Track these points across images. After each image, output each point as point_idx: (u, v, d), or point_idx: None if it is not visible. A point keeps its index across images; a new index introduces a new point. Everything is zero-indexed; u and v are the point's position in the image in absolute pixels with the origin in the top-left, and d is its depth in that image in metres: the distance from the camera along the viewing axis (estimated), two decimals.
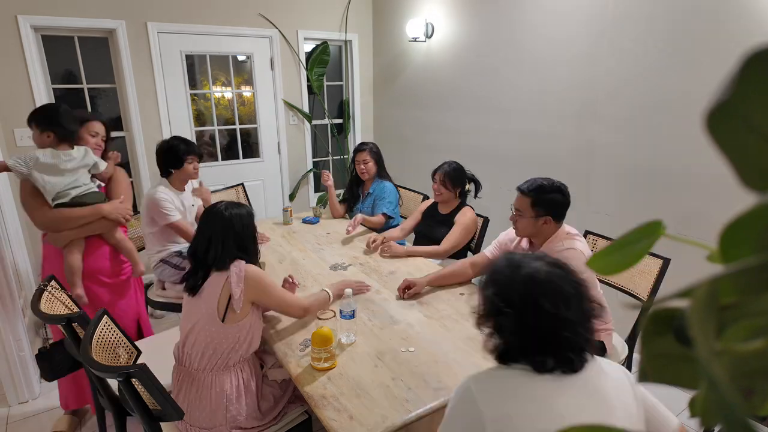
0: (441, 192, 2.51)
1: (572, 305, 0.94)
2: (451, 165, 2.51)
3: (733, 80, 0.21)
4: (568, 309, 0.93)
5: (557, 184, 1.78)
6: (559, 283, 0.96)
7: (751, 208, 0.23)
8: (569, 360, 0.94)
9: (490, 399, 0.93)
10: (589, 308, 0.97)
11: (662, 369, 0.27)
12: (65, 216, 1.89)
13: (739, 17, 1.95)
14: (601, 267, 0.33)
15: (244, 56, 3.89)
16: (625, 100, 2.44)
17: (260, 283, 1.52)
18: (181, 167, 2.43)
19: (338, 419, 1.24)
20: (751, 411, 0.23)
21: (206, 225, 1.54)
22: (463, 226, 2.42)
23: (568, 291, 0.95)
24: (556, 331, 0.93)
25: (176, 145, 2.41)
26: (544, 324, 0.93)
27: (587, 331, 0.96)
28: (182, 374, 1.53)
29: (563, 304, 0.93)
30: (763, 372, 0.23)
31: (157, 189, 2.39)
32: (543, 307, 0.93)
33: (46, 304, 1.65)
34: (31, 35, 2.99)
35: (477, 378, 0.97)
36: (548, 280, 0.96)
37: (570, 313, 0.93)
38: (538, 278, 0.96)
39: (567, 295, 0.94)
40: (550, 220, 1.78)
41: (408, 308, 1.86)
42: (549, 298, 0.93)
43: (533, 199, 1.76)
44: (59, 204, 1.89)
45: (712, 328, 0.22)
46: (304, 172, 4.31)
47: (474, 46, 3.31)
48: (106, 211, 1.98)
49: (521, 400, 0.92)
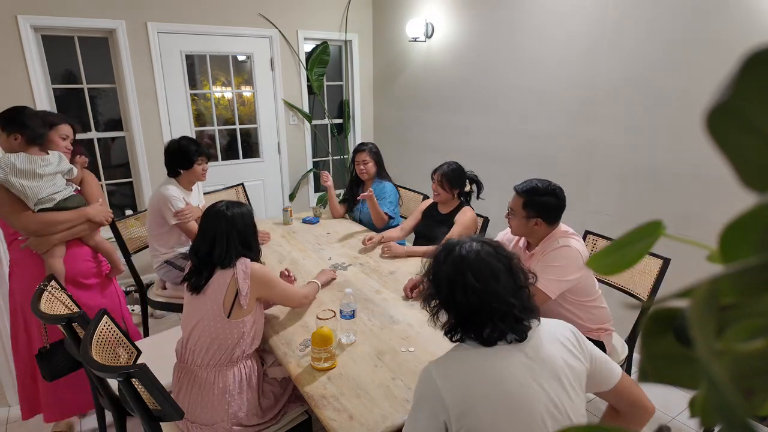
0: (439, 192, 2.51)
1: (501, 278, 1.02)
2: (450, 165, 2.50)
3: (733, 80, 0.21)
4: (497, 282, 1.01)
5: (552, 187, 1.77)
6: (486, 259, 1.04)
7: (751, 208, 0.23)
8: (505, 330, 1.01)
9: (450, 384, 0.98)
10: (522, 279, 1.06)
11: (662, 369, 0.27)
12: (52, 220, 1.87)
13: (739, 17, 1.95)
14: (601, 267, 0.32)
15: (244, 56, 3.89)
16: (625, 99, 2.44)
17: (266, 279, 1.58)
18: (191, 168, 2.43)
19: (338, 419, 1.24)
20: (751, 411, 0.23)
21: (209, 225, 1.57)
22: (463, 225, 2.42)
23: (496, 266, 1.03)
24: (487, 303, 1.00)
25: (187, 146, 2.41)
26: (472, 299, 1.01)
27: (522, 300, 1.03)
28: (183, 371, 1.54)
29: (492, 278, 1.01)
30: (763, 372, 0.23)
31: (168, 187, 2.38)
32: (469, 283, 1.01)
33: (46, 304, 1.65)
34: (31, 35, 2.99)
35: (437, 363, 1.03)
36: (476, 258, 1.04)
37: (499, 286, 1.01)
38: (466, 257, 1.04)
39: (495, 270, 1.02)
40: (540, 222, 1.78)
41: (408, 308, 1.86)
42: (476, 274, 1.01)
43: (525, 200, 1.77)
44: (42, 209, 1.87)
45: (712, 328, 0.22)
46: (304, 172, 4.31)
47: (474, 46, 3.31)
48: (91, 214, 1.98)
49: (476, 381, 0.98)
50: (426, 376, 1.01)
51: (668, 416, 2.17)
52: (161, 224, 2.38)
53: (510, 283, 1.03)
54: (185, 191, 2.47)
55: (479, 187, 2.59)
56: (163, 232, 2.40)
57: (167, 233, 2.41)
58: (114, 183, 3.57)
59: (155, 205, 2.37)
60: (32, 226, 1.86)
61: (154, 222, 2.40)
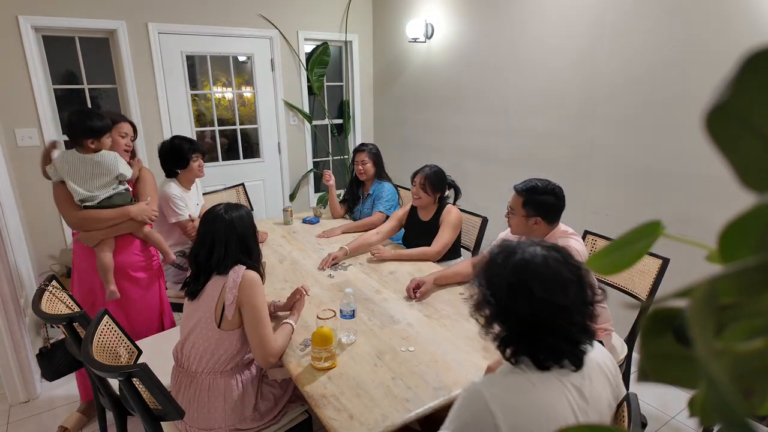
0: (420, 196, 2.43)
1: (570, 292, 0.90)
2: (432, 168, 2.44)
3: (733, 80, 0.22)
4: (566, 296, 0.89)
5: (551, 187, 1.78)
6: (555, 267, 0.91)
7: (750, 208, 0.23)
8: (564, 353, 0.91)
9: (504, 412, 0.89)
10: (589, 295, 0.93)
11: (662, 369, 0.27)
12: (93, 217, 1.93)
13: (739, 17, 1.95)
14: (601, 267, 0.33)
15: (244, 57, 3.89)
16: (625, 99, 2.44)
17: (252, 289, 1.47)
18: (187, 166, 2.44)
19: (338, 419, 1.24)
20: (750, 411, 0.23)
21: (207, 229, 1.52)
22: (451, 225, 2.39)
23: (566, 276, 0.90)
24: (552, 319, 0.89)
25: (179, 145, 2.41)
26: (537, 312, 0.89)
27: (585, 318, 0.92)
28: (181, 375, 1.53)
29: (560, 291, 0.89)
30: (763, 372, 0.23)
31: (170, 185, 2.42)
32: (534, 293, 0.88)
33: (46, 304, 1.65)
34: (31, 35, 3.00)
35: (492, 386, 0.92)
36: (544, 264, 0.91)
37: (568, 300, 0.89)
38: (532, 262, 0.92)
39: (564, 281, 0.90)
40: (540, 221, 1.79)
41: (408, 308, 1.86)
42: (542, 284, 0.89)
43: (525, 199, 1.78)
44: (86, 206, 1.92)
45: (712, 327, 0.22)
46: (305, 172, 4.31)
47: (474, 47, 3.31)
48: (134, 213, 2.01)
49: (529, 408, 0.89)
50: (477, 398, 0.91)
51: (668, 416, 2.17)
52: (161, 222, 2.41)
53: (579, 298, 0.91)
54: (185, 190, 2.49)
55: (457, 193, 2.54)
56: (163, 230, 2.42)
57: (166, 232, 2.44)
58: None
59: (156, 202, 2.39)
60: (75, 221, 1.92)
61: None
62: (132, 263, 2.08)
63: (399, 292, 1.99)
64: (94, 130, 1.88)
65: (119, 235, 2.02)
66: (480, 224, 2.61)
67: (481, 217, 2.62)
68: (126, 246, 2.06)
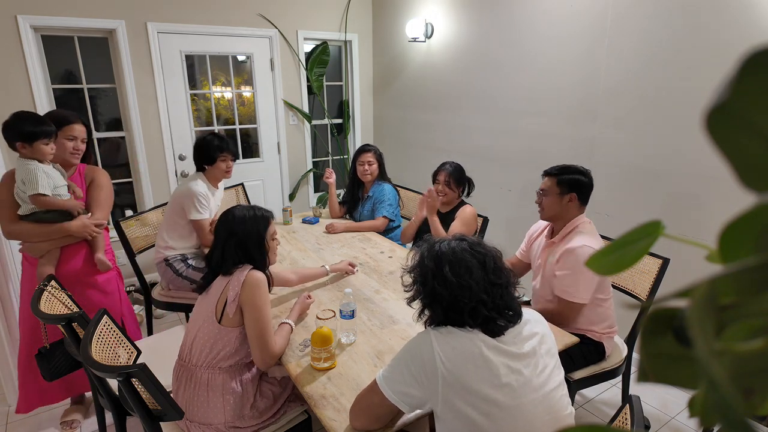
0: (446, 192, 2.52)
1: (474, 273, 1.09)
2: (453, 165, 2.54)
3: (733, 80, 0.21)
4: (470, 276, 1.08)
5: (581, 168, 1.87)
6: (461, 254, 1.11)
7: (750, 208, 0.23)
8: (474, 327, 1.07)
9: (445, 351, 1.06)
10: (499, 277, 1.11)
11: (662, 369, 0.27)
12: (24, 232, 1.86)
13: (739, 17, 1.95)
14: (601, 267, 0.33)
15: (243, 56, 3.88)
16: (625, 99, 2.44)
17: (255, 289, 1.49)
18: (213, 164, 2.41)
19: (338, 419, 1.24)
20: (750, 411, 0.23)
21: (216, 229, 1.59)
22: (463, 220, 2.46)
23: (470, 261, 1.10)
24: (461, 298, 1.07)
25: (210, 141, 2.39)
26: (450, 292, 1.08)
27: (494, 297, 1.09)
28: (182, 369, 1.54)
29: (465, 273, 1.09)
30: (763, 372, 0.23)
31: (197, 181, 2.38)
32: (446, 277, 1.08)
33: (45, 304, 1.65)
34: (30, 35, 2.99)
35: (432, 330, 1.11)
36: (451, 252, 1.12)
37: (472, 280, 1.08)
38: (443, 252, 1.13)
39: (469, 264, 1.10)
40: (574, 198, 1.83)
41: (408, 308, 1.85)
42: (451, 268, 1.09)
43: (558, 178, 1.85)
44: (22, 217, 1.86)
45: (712, 328, 0.22)
46: (304, 172, 4.31)
47: (474, 46, 3.31)
48: (74, 230, 1.92)
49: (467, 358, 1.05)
50: (423, 338, 1.10)
51: (668, 416, 2.17)
52: (180, 214, 2.38)
53: (485, 279, 1.09)
54: (211, 188, 2.47)
55: (470, 187, 2.62)
56: (180, 224, 2.40)
57: (182, 226, 2.42)
58: (114, 183, 3.56)
59: (180, 196, 2.37)
60: (6, 230, 1.85)
61: (173, 210, 2.40)
62: (82, 269, 2.02)
63: (399, 293, 1.99)
64: (24, 134, 1.75)
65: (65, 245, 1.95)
66: (481, 224, 2.62)
67: (481, 218, 2.62)
68: (76, 253, 2.00)
